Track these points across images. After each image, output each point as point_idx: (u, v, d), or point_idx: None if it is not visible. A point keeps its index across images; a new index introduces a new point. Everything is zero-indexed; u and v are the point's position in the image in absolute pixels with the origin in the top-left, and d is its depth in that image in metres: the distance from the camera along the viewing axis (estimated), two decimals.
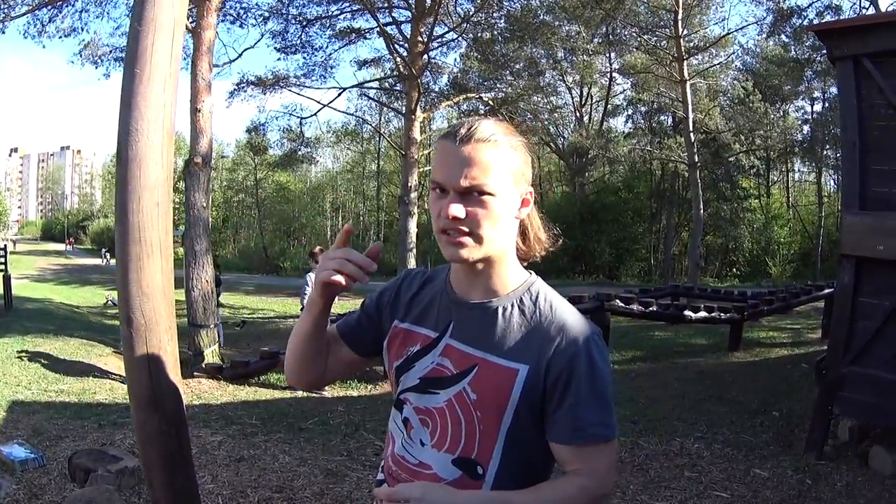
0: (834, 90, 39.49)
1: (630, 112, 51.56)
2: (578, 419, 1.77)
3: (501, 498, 1.81)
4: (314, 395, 11.53)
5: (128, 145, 2.91)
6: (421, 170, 32.16)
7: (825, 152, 43.82)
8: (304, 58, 29.21)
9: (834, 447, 7.62)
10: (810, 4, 29.99)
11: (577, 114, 51.52)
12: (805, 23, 29.45)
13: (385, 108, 43.17)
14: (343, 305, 18.86)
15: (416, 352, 1.97)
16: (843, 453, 7.45)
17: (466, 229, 1.78)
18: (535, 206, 2.01)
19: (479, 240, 1.80)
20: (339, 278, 1.79)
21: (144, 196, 2.90)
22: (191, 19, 15.69)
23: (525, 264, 2.04)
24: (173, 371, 3.09)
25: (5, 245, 26.40)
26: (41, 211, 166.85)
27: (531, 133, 34.57)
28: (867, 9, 27.67)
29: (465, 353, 1.88)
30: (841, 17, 27.90)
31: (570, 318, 1.86)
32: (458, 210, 1.76)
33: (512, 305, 1.89)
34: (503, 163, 1.81)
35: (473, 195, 1.78)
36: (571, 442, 1.80)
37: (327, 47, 29.36)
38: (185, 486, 3.19)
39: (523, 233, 2.02)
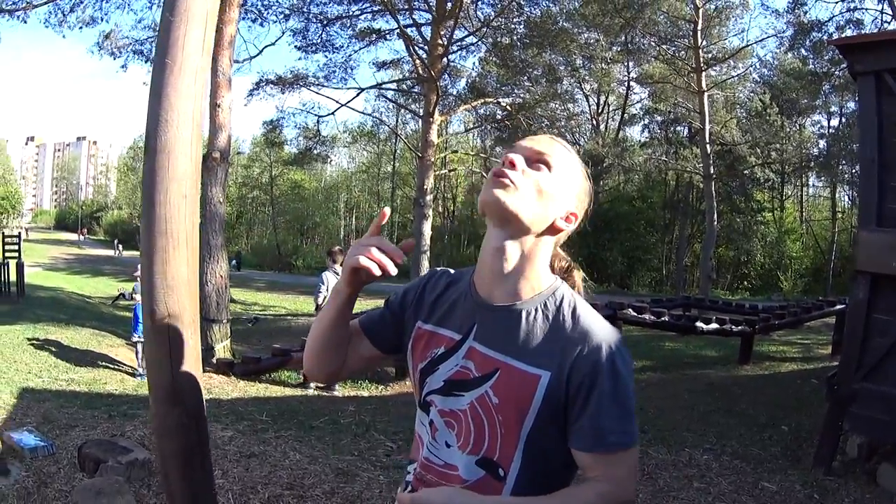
0: (852, 105, 39.48)
1: (646, 122, 51.54)
2: (600, 427, 1.77)
3: (521, 503, 1.83)
4: (325, 393, 11.56)
5: (156, 135, 2.90)
6: (436, 172, 32.17)
7: (841, 167, 43.71)
8: (326, 57, 29.30)
9: (842, 463, 7.60)
10: (831, 18, 30.03)
11: (594, 122, 51.50)
12: (825, 37, 29.40)
13: (402, 110, 43.23)
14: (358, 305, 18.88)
15: (440, 354, 1.97)
16: (851, 469, 7.43)
17: (514, 176, 1.83)
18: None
19: (518, 191, 1.83)
20: (370, 264, 1.81)
21: (172, 187, 2.89)
22: None
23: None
24: (195, 365, 3.08)
25: (19, 233, 26.49)
26: (55, 200, 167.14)
27: None
28: (889, 23, 27.58)
29: (487, 356, 1.88)
30: (862, 32, 27.84)
31: (595, 324, 1.85)
32: (519, 160, 1.85)
33: (536, 310, 1.88)
34: (569, 167, 1.93)
35: (537, 163, 1.88)
36: (593, 449, 1.79)
37: (347, 47, 29.46)
38: (202, 480, 3.19)
39: (552, 261, 2.03)
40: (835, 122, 47.63)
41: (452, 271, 2.17)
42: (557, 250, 2.06)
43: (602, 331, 1.83)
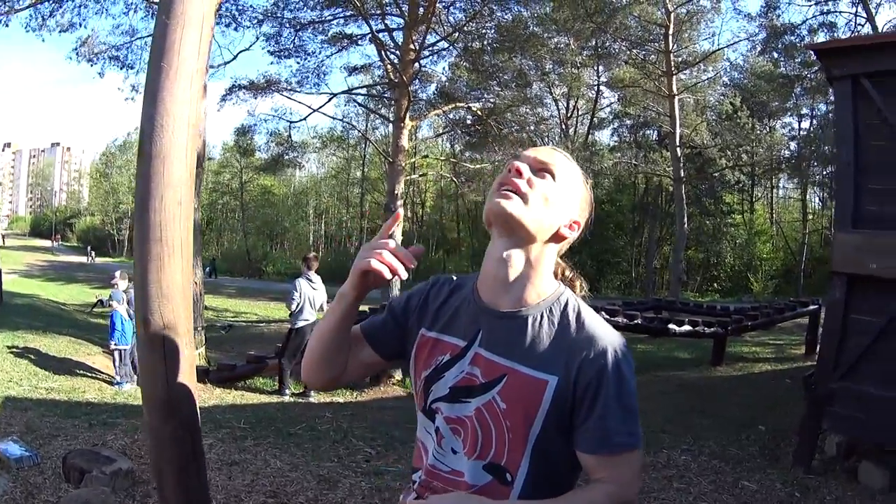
0: (823, 107, 39.83)
1: (616, 125, 51.82)
2: (606, 430, 1.80)
3: None
4: (300, 400, 11.54)
5: (151, 140, 2.88)
6: (407, 177, 32.17)
7: (812, 169, 44.01)
8: (298, 62, 29.24)
9: (821, 462, 7.69)
10: (804, 21, 30.24)
11: (563, 126, 51.59)
12: (798, 40, 29.64)
13: (372, 115, 43.20)
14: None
15: (445, 361, 1.98)
16: (830, 468, 7.51)
17: (521, 185, 1.86)
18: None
19: (525, 200, 1.86)
20: (381, 268, 1.83)
21: (167, 194, 2.87)
22: None
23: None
24: (189, 376, 3.05)
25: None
26: (31, 207, 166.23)
27: (517, 144, 34.65)
28: (863, 26, 27.85)
29: (494, 362, 1.90)
30: (835, 35, 28.12)
31: (599, 328, 1.89)
32: (525, 169, 1.88)
33: (542, 315, 1.92)
34: (572, 176, 1.99)
35: (541, 172, 1.92)
36: (599, 451, 1.83)
37: (320, 52, 29.41)
38: (197, 489, 3.16)
39: (557, 270, 2.10)
40: (806, 124, 48.09)
41: (455, 277, 2.18)
42: (559, 260, 2.10)
43: (607, 335, 1.88)
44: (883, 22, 29.24)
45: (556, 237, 1.96)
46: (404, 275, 1.86)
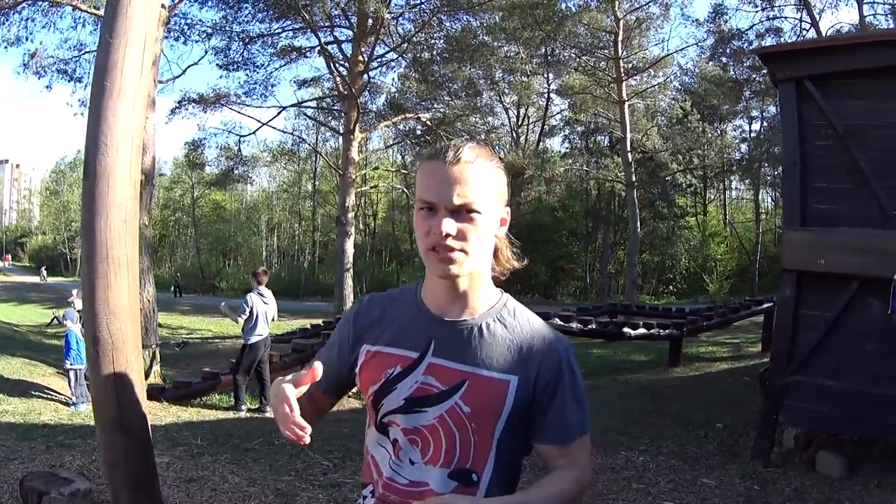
0: (773, 109, 40.27)
1: (567, 132, 51.97)
2: (565, 421, 1.90)
3: (520, 499, 1.87)
4: (257, 415, 11.49)
5: (96, 160, 2.87)
6: (358, 189, 32.14)
7: (763, 170, 44.45)
8: (247, 75, 29.17)
9: (780, 454, 7.82)
10: (751, 27, 30.66)
11: (514, 134, 51.75)
12: (745, 45, 30.03)
13: (322, 128, 43.09)
14: None
15: (396, 374, 1.97)
16: (789, 460, 7.65)
17: (456, 246, 1.84)
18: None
19: (467, 255, 1.86)
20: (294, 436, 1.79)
21: (112, 213, 2.86)
22: None
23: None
24: (140, 392, 3.04)
25: None
26: None
27: None
28: (807, 31, 28.25)
29: (452, 369, 1.91)
30: (782, 39, 28.58)
31: (547, 330, 1.98)
32: (450, 226, 1.82)
33: (494, 321, 1.96)
34: (488, 183, 1.90)
35: (462, 213, 1.85)
36: (559, 442, 1.92)
37: (269, 65, 29.36)
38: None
39: (496, 251, 2.08)
40: (756, 126, 48.52)
41: (381, 294, 2.20)
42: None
43: (555, 335, 1.98)
44: (826, 26, 29.81)
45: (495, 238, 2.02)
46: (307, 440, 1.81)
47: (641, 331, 14.97)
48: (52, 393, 12.47)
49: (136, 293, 3.10)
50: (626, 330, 14.98)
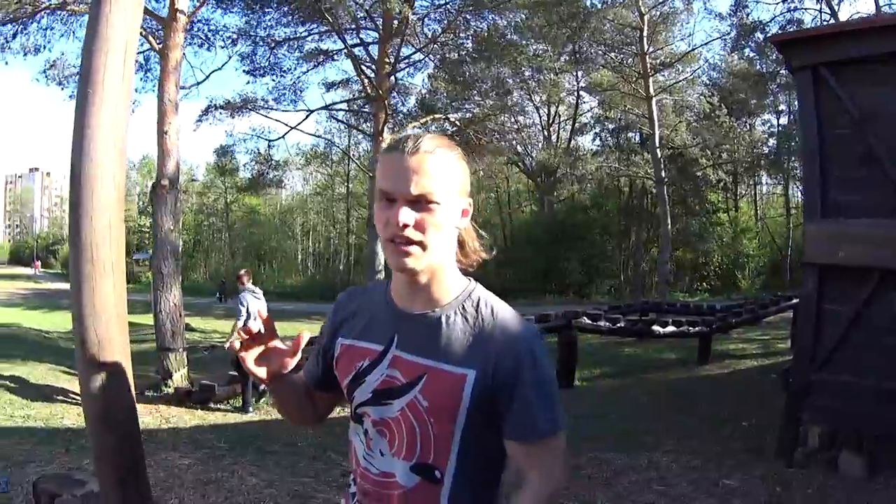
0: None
1: (597, 130, 51.69)
2: (528, 416, 1.85)
3: None
4: (280, 417, 11.52)
5: (80, 166, 2.92)
6: None
7: (791, 164, 44.14)
8: (274, 80, 29.23)
9: (804, 454, 7.65)
10: (772, 19, 30.37)
11: (545, 132, 51.69)
12: (767, 37, 29.81)
13: (353, 131, 43.12)
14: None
15: (365, 366, 2.00)
16: (812, 459, 7.48)
17: (414, 238, 1.84)
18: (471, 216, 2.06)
19: (424, 248, 1.85)
20: (256, 369, 1.98)
21: (97, 216, 2.90)
22: (158, 41, 15.64)
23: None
24: (127, 390, 3.07)
25: None
26: (9, 234, 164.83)
27: (498, 153, 34.65)
28: (827, 22, 27.99)
29: (413, 362, 1.92)
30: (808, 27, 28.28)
31: (511, 320, 1.92)
32: (408, 216, 1.82)
33: (455, 313, 1.94)
34: (448, 173, 1.89)
35: (421, 203, 1.84)
36: (523, 438, 1.87)
37: (296, 69, 29.41)
38: (138, 501, 3.18)
39: (461, 243, 2.07)
40: (783, 120, 48.12)
41: (359, 288, 2.25)
42: (461, 233, 2.08)
43: (519, 326, 1.92)
44: (845, 17, 29.38)
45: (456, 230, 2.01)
46: (290, 364, 1.99)
47: (671, 328, 14.93)
48: (77, 398, 12.54)
49: (123, 294, 3.13)
50: (655, 328, 14.96)
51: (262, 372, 1.99)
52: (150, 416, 11.18)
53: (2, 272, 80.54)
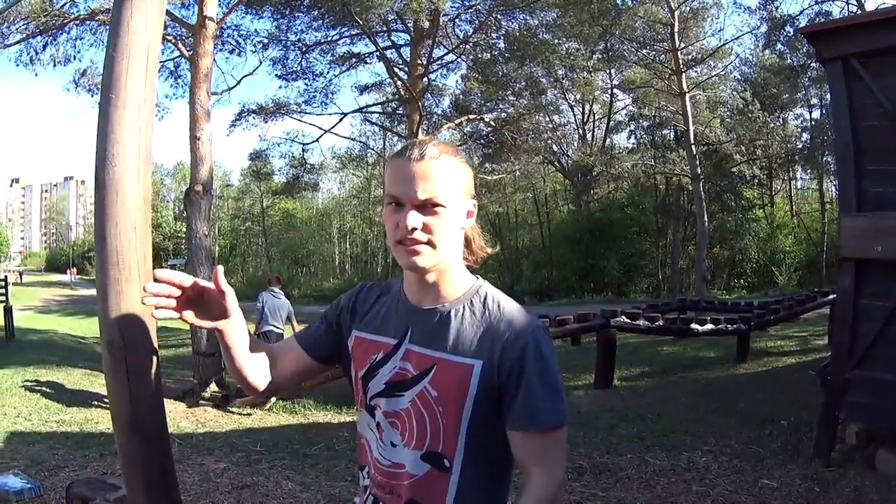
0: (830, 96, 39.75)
1: (632, 127, 51.47)
2: (533, 407, 1.90)
3: None
4: (319, 420, 11.56)
5: (104, 171, 2.93)
6: None
7: (825, 158, 43.81)
8: (306, 84, 29.39)
9: (842, 452, 7.59)
10: (801, 12, 30.20)
11: (580, 131, 51.59)
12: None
13: (388, 133, 43.22)
14: None
15: (379, 359, 2.09)
16: (850, 458, 7.42)
17: (422, 238, 1.94)
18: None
19: (433, 247, 1.95)
20: (163, 314, 2.08)
21: (121, 221, 2.91)
22: (188, 47, 15.74)
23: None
24: (156, 394, 3.08)
25: (5, 276, 26.34)
26: (45, 242, 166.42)
27: (534, 153, 34.61)
28: (856, 12, 27.82)
29: (423, 354, 2.01)
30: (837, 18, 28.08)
31: (517, 314, 2.02)
32: (415, 220, 1.92)
33: (463, 308, 2.04)
34: (453, 177, 1.99)
35: (428, 207, 1.95)
36: (527, 428, 1.92)
37: (328, 73, 29.56)
38: None
39: (468, 241, 2.18)
40: (816, 114, 47.76)
41: (377, 284, 2.35)
42: (467, 233, 2.18)
43: (524, 319, 2.01)
44: (872, 8, 29.20)
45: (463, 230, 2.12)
46: (188, 281, 2.06)
47: (709, 326, 14.85)
48: None
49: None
50: (693, 326, 14.88)
51: (207, 322, 2.11)
52: (185, 421, 11.29)
53: (38, 279, 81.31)
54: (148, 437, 2.96)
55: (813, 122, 47.04)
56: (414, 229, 1.93)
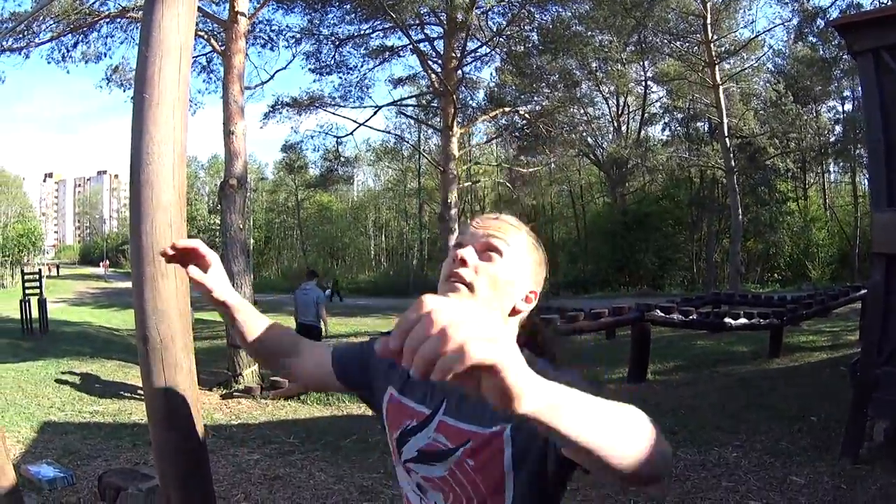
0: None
1: (667, 120, 51.24)
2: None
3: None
4: (353, 413, 11.64)
5: (139, 168, 2.98)
6: (461, 185, 32.16)
7: (858, 151, 43.41)
8: (340, 78, 29.44)
9: (870, 450, 7.56)
10: (833, 3, 29.99)
11: (615, 124, 51.42)
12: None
13: (423, 126, 43.24)
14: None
15: (411, 427, 1.97)
16: (878, 456, 7.39)
17: (466, 277, 1.84)
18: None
19: (472, 290, 1.84)
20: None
21: (157, 217, 2.96)
22: (220, 43, 15.82)
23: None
24: (190, 389, 3.13)
25: (40, 270, 26.56)
26: (79, 235, 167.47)
27: (569, 145, 34.54)
28: (887, 2, 27.61)
29: (460, 429, 1.87)
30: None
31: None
32: (469, 255, 1.85)
33: None
34: (521, 244, 1.92)
35: (486, 253, 1.86)
36: None
37: (361, 66, 29.61)
38: (202, 501, 3.24)
39: (533, 333, 2.02)
40: (849, 106, 47.35)
41: None
42: (531, 323, 2.03)
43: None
44: None
45: (513, 312, 1.94)
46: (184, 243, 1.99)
47: (742, 321, 14.76)
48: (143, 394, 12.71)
49: (186, 293, 3.21)
50: (727, 320, 14.80)
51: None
52: (219, 412, 11.41)
53: (72, 272, 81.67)
54: (182, 431, 3.01)
55: (845, 115, 46.70)
56: (463, 262, 1.85)
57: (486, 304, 1.84)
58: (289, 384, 12.73)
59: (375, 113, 31.64)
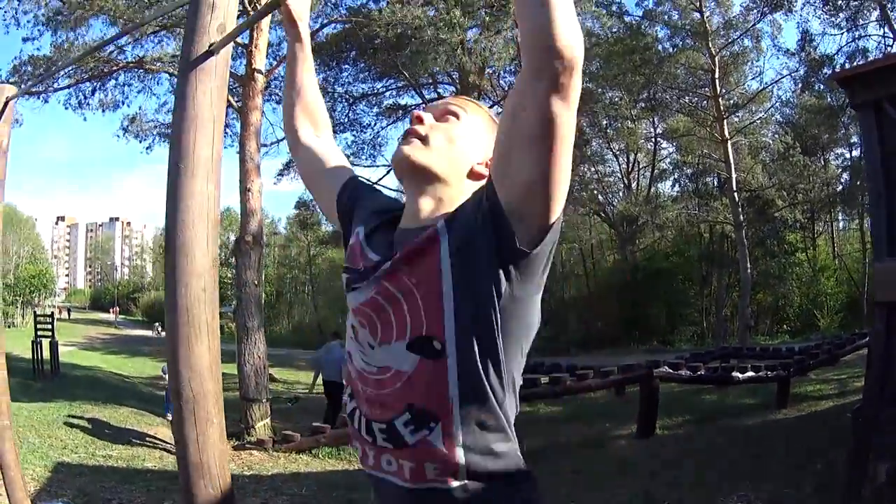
0: None
1: (676, 175, 51.27)
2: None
3: None
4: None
5: (175, 236, 3.14)
6: None
7: (864, 198, 43.39)
8: (353, 135, 29.63)
9: (871, 490, 7.66)
10: (839, 50, 30.22)
11: (625, 180, 51.46)
12: (837, 69, 29.66)
13: None
14: None
15: (362, 271, 1.93)
16: (880, 496, 7.49)
17: (420, 131, 1.91)
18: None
19: (426, 142, 1.89)
20: None
21: (192, 282, 3.12)
22: (237, 98, 16.06)
23: None
24: (220, 441, 3.29)
25: (52, 312, 26.63)
26: (90, 280, 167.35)
27: (580, 204, 34.64)
28: (891, 46, 27.82)
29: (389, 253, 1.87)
30: (869, 59, 27.99)
31: None
32: (426, 114, 1.96)
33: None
34: (480, 116, 2.01)
35: (445, 117, 1.97)
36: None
37: (375, 124, 29.84)
38: None
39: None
40: (856, 152, 47.40)
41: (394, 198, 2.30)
42: None
43: None
44: None
45: (473, 175, 1.92)
46: None
47: (749, 374, 14.89)
48: (158, 441, 12.79)
49: (217, 353, 3.36)
50: (734, 374, 14.92)
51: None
52: (232, 464, 11.36)
53: (82, 317, 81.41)
54: (214, 483, 3.19)
55: (852, 161, 46.80)
56: (420, 119, 1.91)
57: (442, 155, 1.89)
58: (300, 438, 12.85)
59: (388, 171, 31.82)
